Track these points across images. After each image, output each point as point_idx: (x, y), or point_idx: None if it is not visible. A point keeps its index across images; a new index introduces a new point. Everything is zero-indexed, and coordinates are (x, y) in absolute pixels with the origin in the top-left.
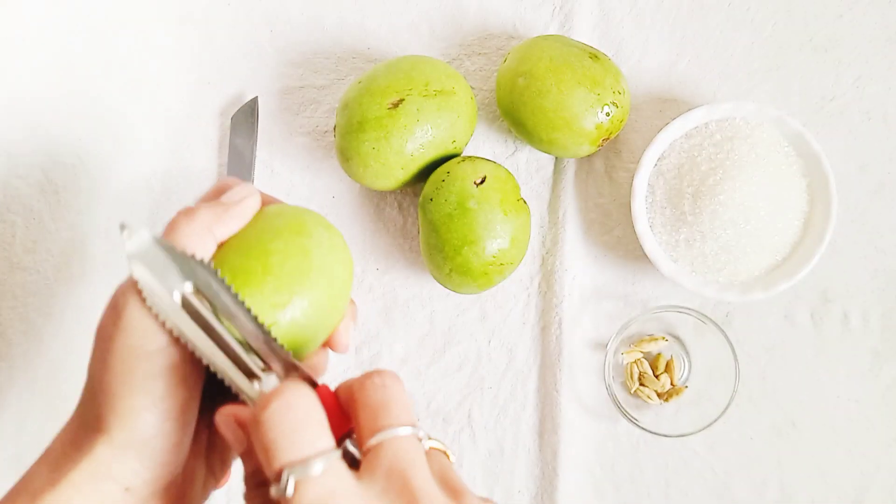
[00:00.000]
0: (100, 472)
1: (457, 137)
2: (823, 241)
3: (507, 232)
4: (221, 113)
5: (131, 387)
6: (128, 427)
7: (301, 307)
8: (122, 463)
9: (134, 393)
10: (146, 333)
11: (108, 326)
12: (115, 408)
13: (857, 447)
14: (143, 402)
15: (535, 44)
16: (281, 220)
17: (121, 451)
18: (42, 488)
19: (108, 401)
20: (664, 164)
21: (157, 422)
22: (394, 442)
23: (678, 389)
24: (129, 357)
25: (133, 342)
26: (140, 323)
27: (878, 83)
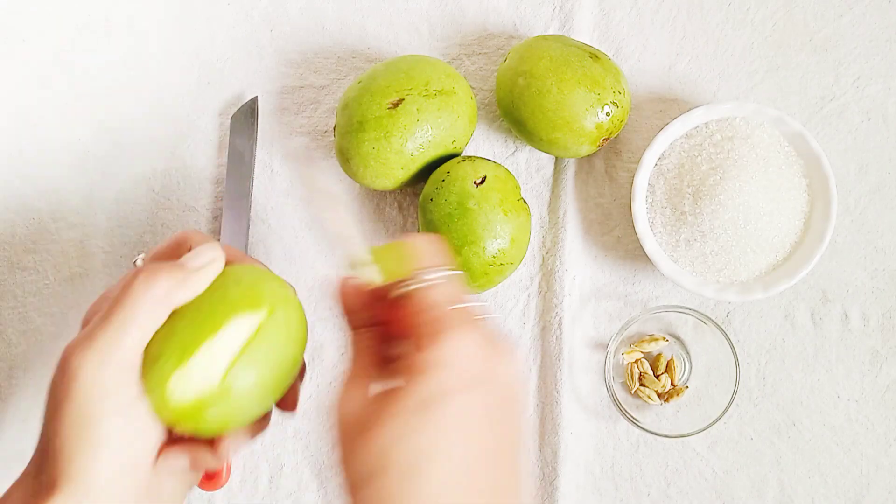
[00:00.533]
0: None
1: (457, 137)
2: (823, 241)
3: (507, 232)
4: (221, 113)
5: (82, 449)
6: (80, 483)
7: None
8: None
9: (85, 453)
10: (102, 396)
11: (58, 389)
12: (66, 467)
13: (857, 447)
14: (93, 462)
15: (535, 44)
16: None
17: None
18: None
19: (60, 460)
20: (664, 164)
21: (108, 481)
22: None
23: (678, 390)
24: (80, 421)
25: (85, 406)
26: (96, 385)
27: (878, 83)
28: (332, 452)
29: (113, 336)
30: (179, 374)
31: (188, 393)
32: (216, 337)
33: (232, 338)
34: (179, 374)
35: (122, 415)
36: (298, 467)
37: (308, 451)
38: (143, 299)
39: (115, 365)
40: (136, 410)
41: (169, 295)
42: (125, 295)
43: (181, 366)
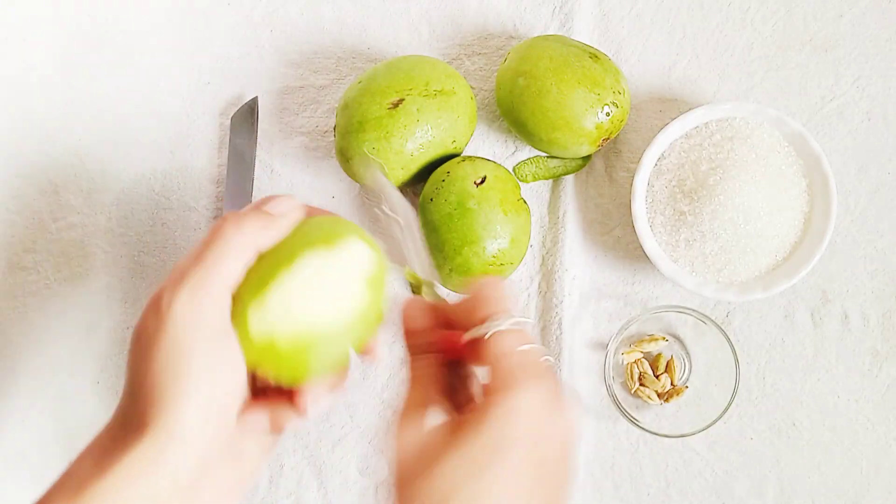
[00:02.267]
0: (144, 466)
1: (457, 137)
2: (823, 241)
3: (507, 232)
4: (221, 113)
5: (175, 383)
6: (172, 420)
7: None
8: (168, 456)
9: (179, 388)
10: (193, 330)
11: (149, 327)
12: (157, 402)
13: (857, 447)
14: (187, 396)
15: (535, 44)
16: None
17: (166, 444)
18: (87, 480)
19: (152, 397)
20: (664, 164)
21: (201, 414)
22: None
23: (678, 389)
24: (176, 355)
25: (179, 340)
26: (187, 319)
27: (878, 83)
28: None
29: (203, 274)
30: (256, 305)
31: (265, 325)
32: (292, 269)
33: (309, 273)
34: (256, 305)
35: (212, 351)
36: (298, 467)
37: (308, 451)
38: (232, 241)
39: (206, 302)
40: (225, 348)
41: (255, 237)
42: (214, 238)
43: (258, 297)
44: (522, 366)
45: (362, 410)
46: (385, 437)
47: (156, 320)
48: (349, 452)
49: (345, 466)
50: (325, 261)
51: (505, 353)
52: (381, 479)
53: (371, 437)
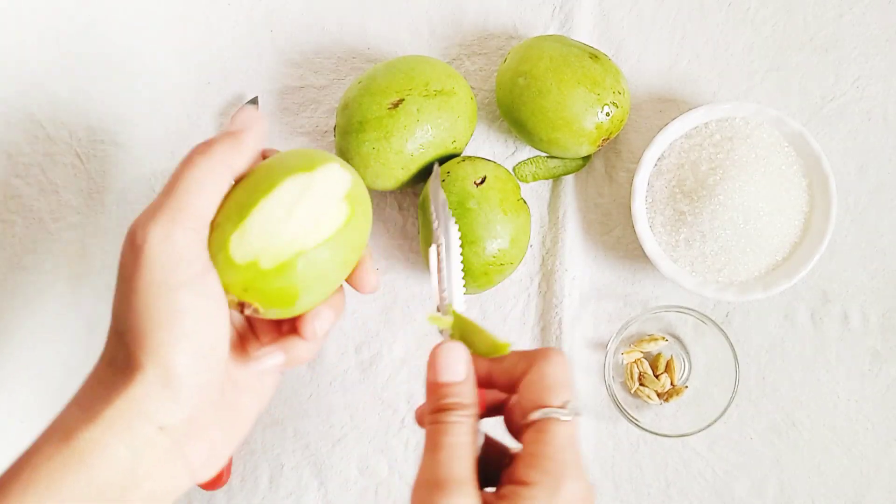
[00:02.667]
0: (133, 411)
1: (457, 137)
2: (823, 241)
3: (507, 232)
4: (221, 113)
5: (158, 322)
6: (158, 363)
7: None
8: (155, 401)
9: (161, 328)
10: (171, 266)
11: (128, 264)
12: (144, 345)
13: (857, 447)
14: (172, 337)
15: (535, 44)
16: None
17: (153, 388)
18: (75, 427)
19: (137, 339)
20: (664, 164)
21: (188, 358)
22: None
23: (678, 389)
24: (155, 293)
25: (157, 277)
26: (163, 255)
27: (878, 83)
28: None
29: (177, 204)
30: (238, 231)
31: (249, 249)
32: (272, 193)
33: (289, 196)
34: (238, 231)
35: (195, 284)
36: (298, 467)
37: (308, 451)
38: (203, 168)
39: (180, 236)
40: (208, 280)
41: (226, 160)
42: (185, 166)
43: (240, 224)
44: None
45: (362, 410)
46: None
47: (132, 258)
48: (349, 452)
49: (345, 466)
50: (305, 183)
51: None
52: (382, 479)
53: (371, 437)
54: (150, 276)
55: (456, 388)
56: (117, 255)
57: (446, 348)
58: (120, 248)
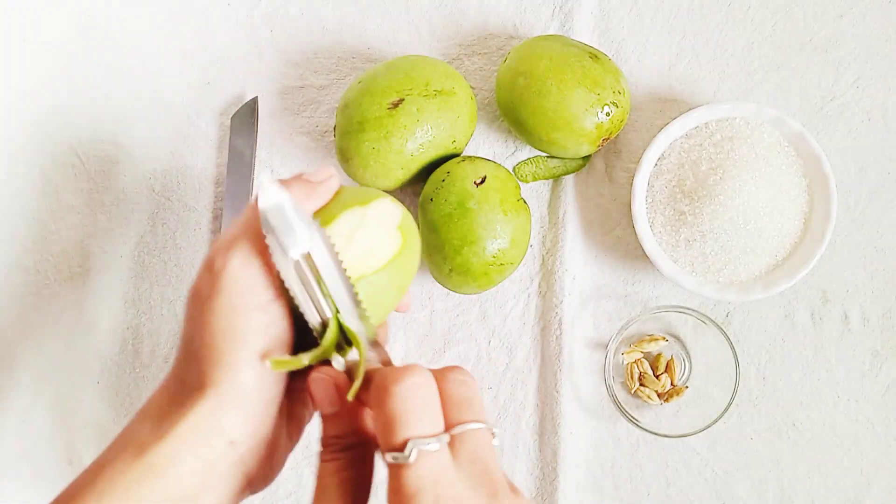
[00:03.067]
0: (205, 426)
1: (457, 137)
2: (823, 241)
3: (507, 232)
4: (221, 113)
5: (233, 342)
6: (230, 381)
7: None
8: (227, 417)
9: (236, 348)
10: (247, 291)
11: (204, 288)
12: (218, 363)
13: (857, 447)
14: (244, 356)
15: (535, 44)
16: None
17: (225, 404)
18: (147, 441)
19: (211, 357)
20: (664, 164)
21: (257, 377)
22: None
23: (678, 389)
24: (231, 314)
25: (233, 300)
26: (240, 281)
27: (878, 83)
28: None
29: (254, 234)
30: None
31: None
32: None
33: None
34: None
35: (266, 309)
36: (298, 467)
37: (308, 451)
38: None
39: (257, 265)
40: (277, 306)
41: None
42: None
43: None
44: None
45: None
46: None
47: (210, 283)
48: None
49: None
50: (361, 215)
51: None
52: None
53: None
54: (227, 300)
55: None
56: (117, 255)
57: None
58: (119, 247)
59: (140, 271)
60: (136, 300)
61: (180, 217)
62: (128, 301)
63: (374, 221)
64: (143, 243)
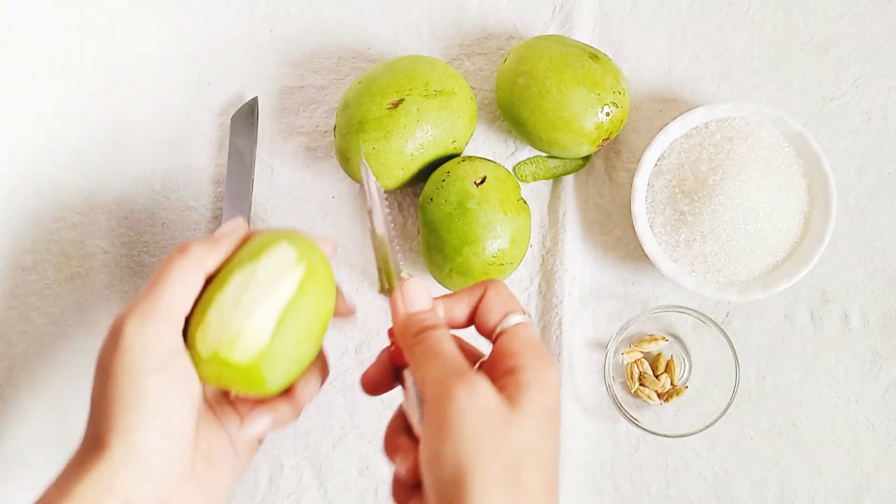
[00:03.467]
0: (101, 486)
1: (457, 137)
2: (823, 241)
3: (507, 232)
4: (221, 113)
5: (128, 404)
6: (125, 443)
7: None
8: (122, 478)
9: (130, 410)
10: (141, 353)
11: (106, 354)
12: (112, 425)
13: (857, 447)
14: (139, 418)
15: (535, 44)
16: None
17: (120, 466)
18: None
19: (107, 419)
20: (664, 164)
21: (154, 437)
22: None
23: (678, 389)
24: (125, 376)
25: (128, 362)
26: (134, 344)
27: (878, 83)
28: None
29: (152, 298)
30: (200, 329)
31: (211, 347)
32: (224, 290)
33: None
34: (200, 329)
35: (164, 374)
36: (298, 467)
37: (308, 451)
38: (177, 266)
39: (152, 326)
40: (177, 367)
41: (200, 259)
42: (164, 265)
43: (201, 322)
44: (546, 350)
45: (362, 410)
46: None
47: (111, 346)
48: (349, 452)
49: (345, 466)
50: (250, 272)
51: (536, 340)
52: (381, 479)
53: (371, 437)
54: (122, 361)
55: (429, 314)
56: (117, 255)
57: (411, 284)
58: (119, 247)
59: (140, 271)
60: None
61: (180, 217)
62: (128, 301)
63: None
64: (143, 243)
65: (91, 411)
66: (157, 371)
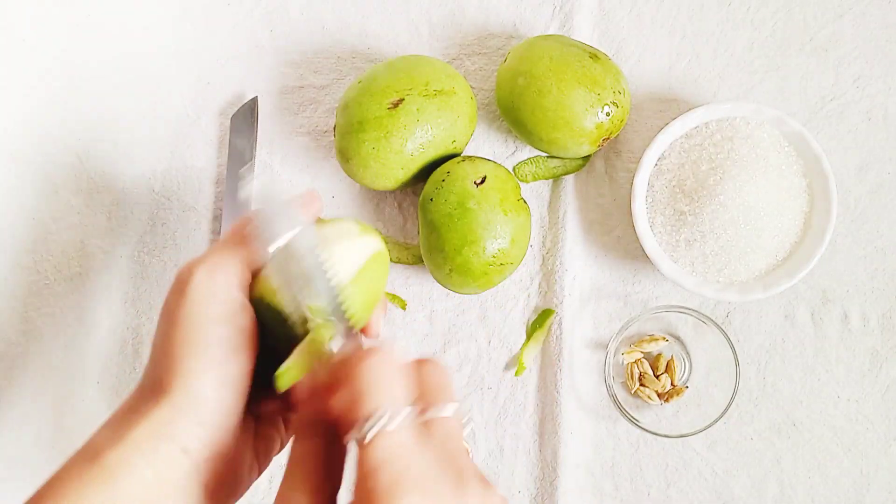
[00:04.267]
0: (159, 432)
1: (457, 137)
2: (823, 241)
3: (507, 232)
4: (221, 113)
5: (191, 351)
6: (187, 388)
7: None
8: (181, 424)
9: (194, 356)
10: (208, 302)
11: (172, 300)
12: (175, 371)
13: (857, 447)
14: (202, 365)
15: (535, 43)
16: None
17: (180, 411)
18: (103, 447)
19: (169, 365)
20: (664, 164)
21: (214, 385)
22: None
23: (678, 390)
24: (191, 324)
25: (195, 310)
26: (202, 293)
27: (878, 83)
28: None
29: (223, 251)
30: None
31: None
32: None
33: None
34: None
35: (229, 321)
36: None
37: None
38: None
39: (220, 277)
40: (241, 320)
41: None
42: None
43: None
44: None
45: None
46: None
47: (177, 294)
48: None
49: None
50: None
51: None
52: None
53: None
54: (189, 310)
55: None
56: (117, 255)
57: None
58: (119, 247)
59: (140, 271)
60: (135, 300)
61: (180, 217)
62: (128, 301)
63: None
64: (143, 243)
65: (152, 357)
66: (221, 321)
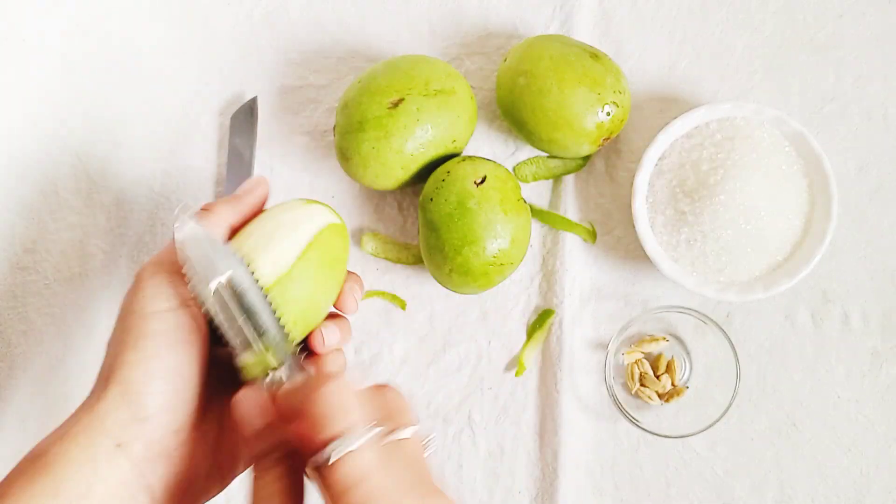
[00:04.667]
0: (94, 426)
1: (457, 137)
2: (823, 241)
3: (507, 232)
4: (221, 113)
5: (127, 344)
6: (120, 381)
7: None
8: (114, 418)
9: (130, 349)
10: (149, 297)
11: (125, 297)
12: (112, 365)
13: (857, 447)
14: (134, 357)
15: (535, 43)
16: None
17: (114, 405)
18: (48, 443)
19: (111, 360)
20: (665, 163)
21: (151, 380)
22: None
23: (679, 390)
24: (130, 318)
25: (136, 306)
26: (144, 289)
27: (878, 83)
28: None
29: (170, 249)
30: None
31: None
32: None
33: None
34: None
35: (170, 316)
36: None
37: None
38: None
39: (167, 271)
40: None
41: (221, 214)
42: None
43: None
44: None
45: None
46: None
47: (129, 292)
48: None
49: None
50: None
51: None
52: None
53: None
54: (131, 306)
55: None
56: (117, 255)
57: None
58: (119, 247)
59: None
60: None
61: None
62: None
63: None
64: (143, 243)
65: (105, 357)
66: (162, 315)
